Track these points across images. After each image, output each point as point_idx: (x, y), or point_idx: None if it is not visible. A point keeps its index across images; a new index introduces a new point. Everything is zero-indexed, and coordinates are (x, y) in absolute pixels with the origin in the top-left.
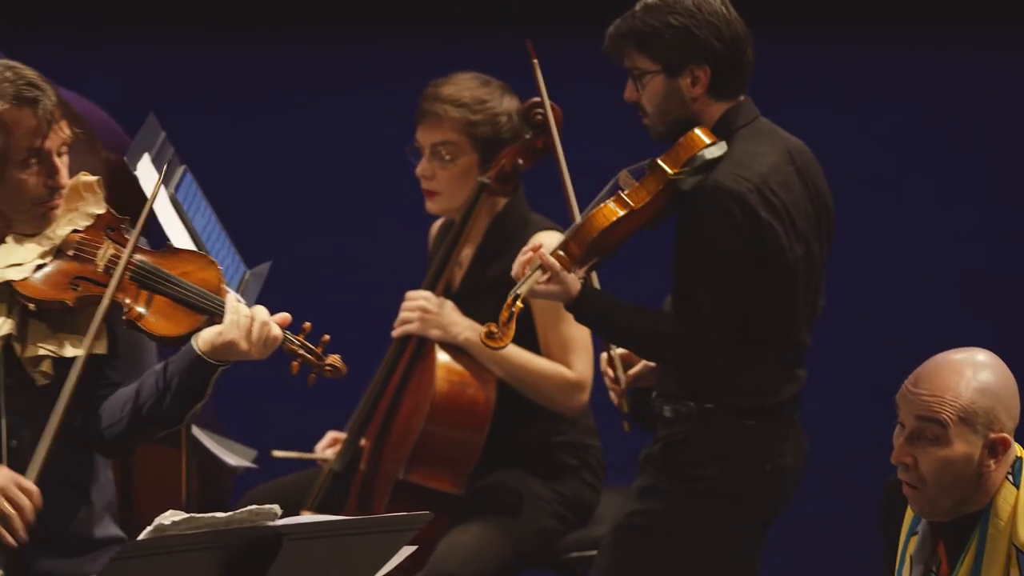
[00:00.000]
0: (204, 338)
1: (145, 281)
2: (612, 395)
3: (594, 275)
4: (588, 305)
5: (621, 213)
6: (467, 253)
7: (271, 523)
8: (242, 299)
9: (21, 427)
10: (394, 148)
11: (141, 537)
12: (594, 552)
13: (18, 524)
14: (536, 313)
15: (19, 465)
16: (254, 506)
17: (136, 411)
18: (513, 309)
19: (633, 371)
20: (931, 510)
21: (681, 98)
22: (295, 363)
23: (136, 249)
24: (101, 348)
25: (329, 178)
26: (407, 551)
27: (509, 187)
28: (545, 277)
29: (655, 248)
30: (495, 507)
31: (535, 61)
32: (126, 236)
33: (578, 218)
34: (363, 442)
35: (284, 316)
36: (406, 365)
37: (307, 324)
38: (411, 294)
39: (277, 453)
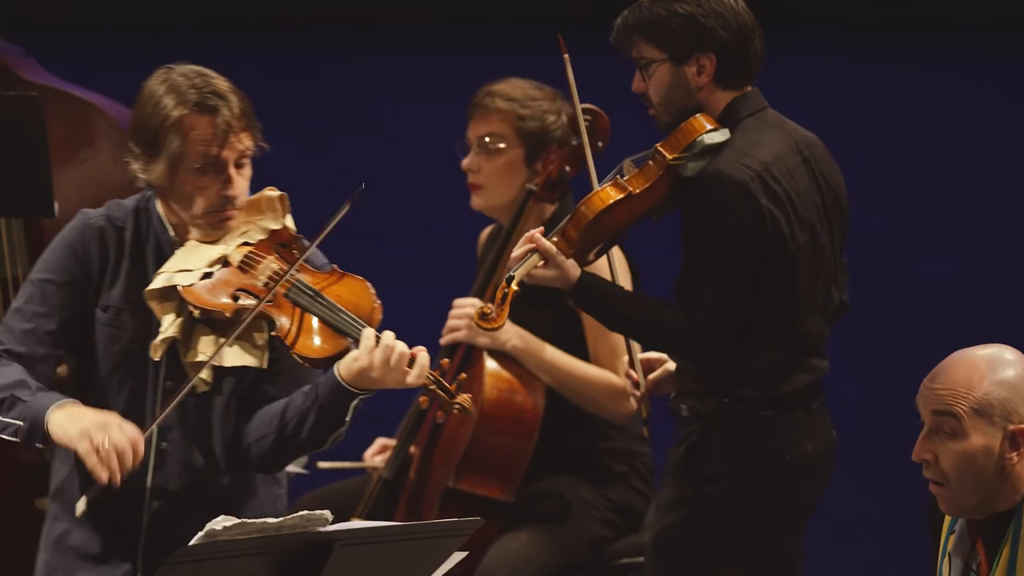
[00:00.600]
0: (344, 363)
1: (298, 300)
2: (632, 400)
3: (605, 261)
4: (587, 291)
5: (618, 197)
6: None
7: (322, 529)
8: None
9: (173, 430)
10: (443, 154)
11: (193, 542)
12: (643, 558)
13: (114, 462)
14: (586, 320)
15: (166, 469)
16: (305, 512)
17: (281, 429)
18: (507, 292)
19: (654, 375)
20: (958, 508)
21: (687, 87)
22: (424, 397)
23: (301, 268)
24: (260, 362)
25: (378, 184)
26: (457, 557)
27: (555, 194)
28: (542, 262)
29: (662, 238)
30: (545, 514)
31: (566, 56)
32: (295, 254)
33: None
34: (412, 449)
35: (420, 349)
36: (454, 373)
37: (445, 360)
38: (459, 302)
39: (323, 464)
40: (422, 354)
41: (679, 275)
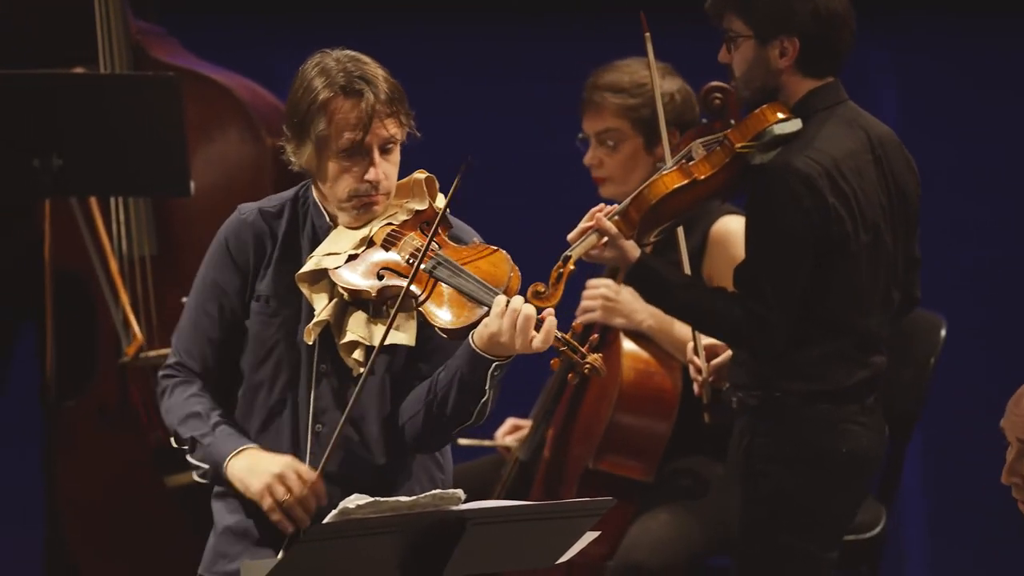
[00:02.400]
0: (477, 331)
1: (437, 273)
2: (695, 385)
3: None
4: (646, 274)
5: (682, 183)
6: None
7: (455, 508)
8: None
9: (328, 413)
10: (572, 132)
11: (326, 521)
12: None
13: (298, 513)
14: None
15: (320, 450)
16: (438, 491)
17: (429, 406)
18: (562, 271)
19: (716, 362)
20: None
21: (767, 67)
22: (556, 359)
23: (441, 243)
24: (409, 339)
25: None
26: (589, 537)
27: None
28: (602, 241)
29: None
30: (684, 494)
31: (647, 34)
32: (440, 232)
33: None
34: (549, 432)
35: (548, 312)
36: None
37: (577, 323)
38: (592, 282)
39: (463, 441)
40: (550, 317)
41: (739, 263)
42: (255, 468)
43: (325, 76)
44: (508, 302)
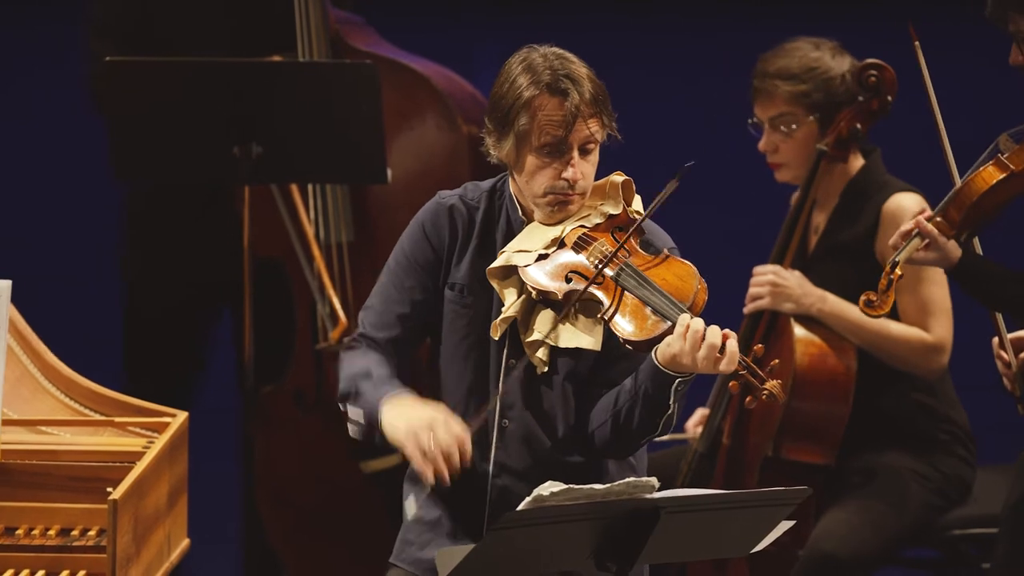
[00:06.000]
0: (660, 347)
1: (623, 282)
2: (1005, 380)
3: (976, 241)
4: (971, 272)
5: (1001, 176)
6: (822, 219)
7: (649, 496)
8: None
9: (514, 408)
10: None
11: (520, 507)
12: (979, 530)
13: (439, 463)
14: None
15: (508, 446)
16: (632, 479)
17: (615, 418)
18: (892, 277)
19: None
20: None
21: None
22: (735, 383)
23: (631, 251)
24: (594, 344)
25: (674, 149)
26: (784, 527)
27: (848, 152)
28: (924, 244)
29: None
30: (873, 484)
31: (916, 43)
32: (631, 239)
33: (958, 183)
34: (726, 423)
35: (730, 335)
36: (760, 341)
37: (759, 347)
38: (759, 269)
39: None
40: (731, 341)
41: None
42: (407, 413)
43: (531, 73)
44: (690, 323)
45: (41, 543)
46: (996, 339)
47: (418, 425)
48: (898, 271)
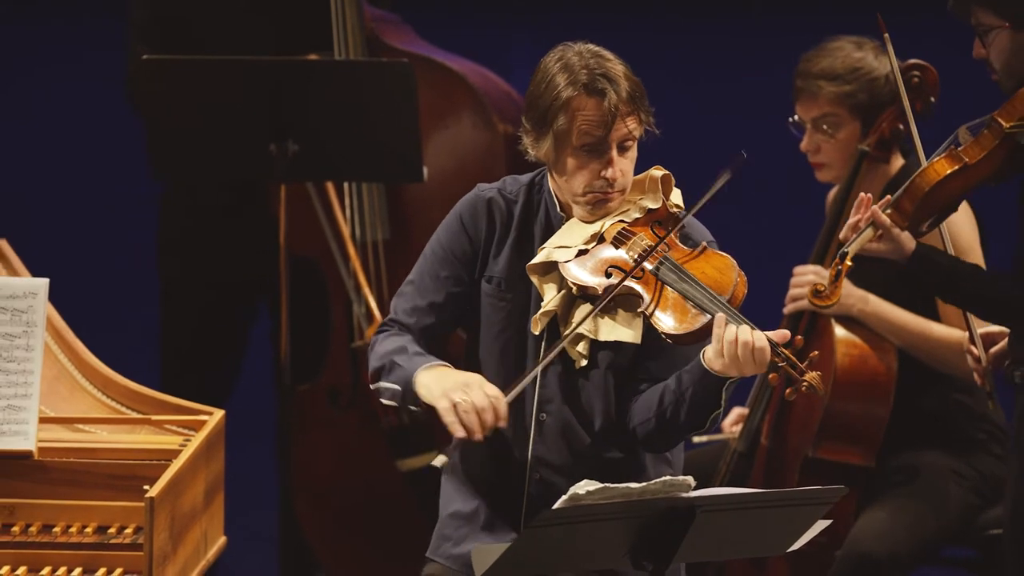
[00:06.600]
0: (707, 349)
1: (662, 275)
2: (976, 376)
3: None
4: (922, 264)
5: (953, 169)
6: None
7: (685, 495)
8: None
9: (553, 403)
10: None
11: (556, 506)
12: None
13: (472, 419)
14: None
15: (546, 440)
16: (668, 477)
17: (661, 413)
18: (840, 268)
19: (995, 349)
20: None
21: None
22: (774, 375)
23: (669, 244)
24: (634, 338)
25: (712, 151)
26: (821, 526)
27: (889, 153)
28: (877, 235)
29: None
30: (910, 483)
31: (886, 35)
32: (668, 230)
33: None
34: (765, 422)
35: (783, 333)
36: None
37: (799, 338)
38: (799, 269)
39: (695, 438)
40: (779, 335)
41: (1017, 245)
42: (443, 378)
43: (568, 72)
44: (725, 325)
45: (78, 540)
46: (967, 335)
47: (453, 386)
48: (848, 261)
